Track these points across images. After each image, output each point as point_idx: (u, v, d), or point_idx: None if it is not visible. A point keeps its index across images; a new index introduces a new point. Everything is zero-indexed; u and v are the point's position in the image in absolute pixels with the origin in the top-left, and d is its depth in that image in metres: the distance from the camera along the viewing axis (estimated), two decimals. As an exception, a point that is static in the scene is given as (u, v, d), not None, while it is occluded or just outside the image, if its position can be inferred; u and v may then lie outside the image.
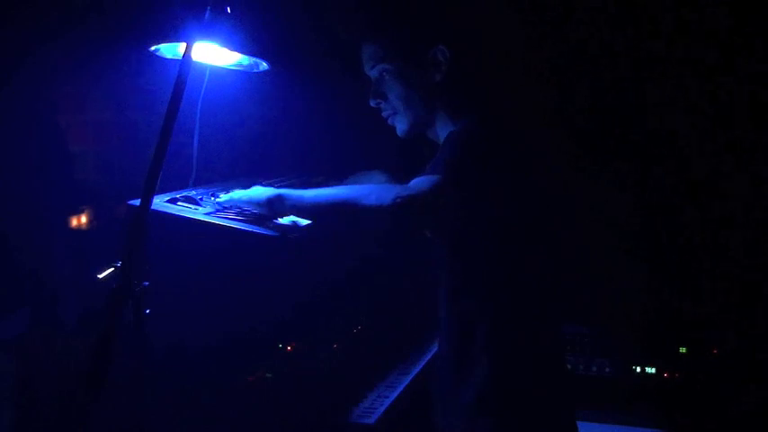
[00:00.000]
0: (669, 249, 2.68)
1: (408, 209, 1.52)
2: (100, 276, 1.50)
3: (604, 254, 2.58)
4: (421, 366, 2.06)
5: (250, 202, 1.71)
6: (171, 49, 1.72)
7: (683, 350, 2.55)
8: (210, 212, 1.74)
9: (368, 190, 1.60)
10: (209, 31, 1.42)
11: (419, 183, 1.55)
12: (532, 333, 1.66)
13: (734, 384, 2.47)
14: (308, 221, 1.75)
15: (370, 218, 1.58)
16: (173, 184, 1.88)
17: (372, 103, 1.74)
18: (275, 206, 1.68)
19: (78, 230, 2.61)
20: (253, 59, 1.84)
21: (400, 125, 1.73)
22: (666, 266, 2.67)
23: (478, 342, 1.62)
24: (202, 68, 1.87)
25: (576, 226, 1.78)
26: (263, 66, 1.87)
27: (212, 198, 1.82)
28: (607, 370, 2.59)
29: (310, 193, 1.66)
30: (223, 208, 1.75)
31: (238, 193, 1.75)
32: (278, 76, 2.02)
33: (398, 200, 1.51)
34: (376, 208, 1.54)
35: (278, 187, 1.91)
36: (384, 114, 1.75)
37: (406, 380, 1.96)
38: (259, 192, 1.71)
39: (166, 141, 1.31)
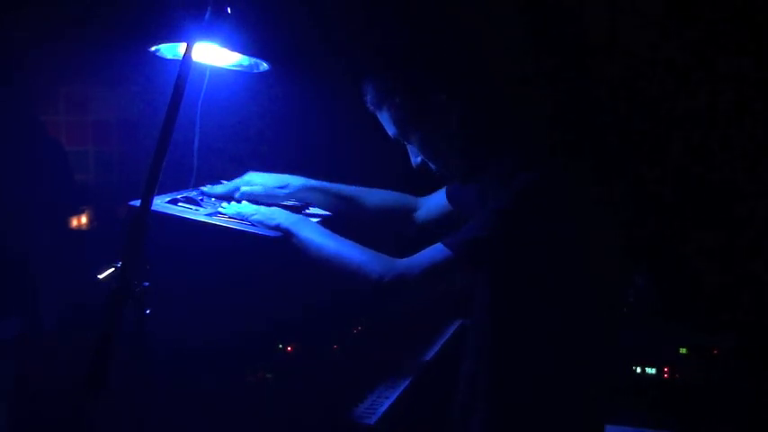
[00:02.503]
0: (669, 249, 2.68)
1: (391, 291, 1.54)
2: (100, 276, 1.50)
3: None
4: (421, 367, 2.06)
5: (261, 222, 1.70)
6: (171, 50, 1.71)
7: (683, 350, 2.55)
8: (211, 213, 1.73)
9: (365, 257, 1.59)
10: (209, 32, 1.42)
11: (421, 259, 1.54)
12: (586, 355, 1.64)
13: (734, 384, 2.47)
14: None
15: (358, 285, 1.59)
16: (173, 184, 1.88)
17: (415, 165, 1.71)
18: (283, 233, 1.68)
19: (78, 230, 2.61)
20: (253, 60, 1.84)
21: (453, 178, 1.71)
22: (666, 266, 2.67)
23: (519, 353, 1.61)
24: (202, 68, 1.87)
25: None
26: (264, 66, 1.87)
27: (216, 204, 1.82)
28: (607, 370, 2.59)
29: (319, 240, 1.65)
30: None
31: (248, 208, 1.74)
32: (278, 76, 2.02)
33: (384, 278, 1.53)
34: (362, 281, 1.56)
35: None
36: (435, 173, 1.70)
37: (407, 381, 1.96)
38: (272, 216, 1.70)
39: (166, 141, 1.30)
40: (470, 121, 1.61)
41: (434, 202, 1.99)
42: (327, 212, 1.96)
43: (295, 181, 1.95)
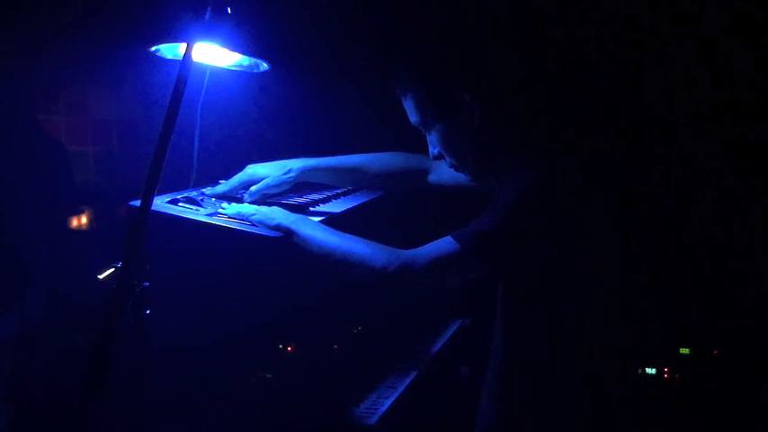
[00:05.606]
0: (669, 249, 2.67)
1: (396, 280, 1.54)
2: (100, 276, 1.50)
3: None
4: (422, 367, 2.06)
5: (261, 222, 1.69)
6: (171, 50, 1.71)
7: (683, 351, 2.55)
8: (211, 213, 1.73)
9: (369, 249, 1.59)
10: (209, 32, 1.42)
11: (427, 250, 1.55)
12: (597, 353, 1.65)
13: (734, 385, 2.47)
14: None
15: (364, 277, 1.59)
16: (173, 184, 1.88)
17: (432, 156, 1.73)
18: (284, 232, 1.67)
19: (78, 230, 2.61)
20: (253, 60, 1.84)
21: (466, 174, 1.72)
22: (667, 266, 2.67)
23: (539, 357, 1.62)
24: (202, 69, 1.87)
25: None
26: (264, 66, 1.87)
27: (216, 204, 1.82)
28: (607, 370, 2.59)
29: (321, 236, 1.64)
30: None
31: (248, 208, 1.74)
32: (278, 76, 2.02)
33: (389, 268, 1.53)
34: (367, 272, 1.56)
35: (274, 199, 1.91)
36: (449, 166, 1.73)
37: (407, 380, 1.96)
38: (272, 216, 1.70)
39: (167, 142, 1.31)
40: (489, 123, 1.63)
41: (449, 171, 1.97)
42: (333, 210, 1.96)
43: (295, 164, 1.95)
